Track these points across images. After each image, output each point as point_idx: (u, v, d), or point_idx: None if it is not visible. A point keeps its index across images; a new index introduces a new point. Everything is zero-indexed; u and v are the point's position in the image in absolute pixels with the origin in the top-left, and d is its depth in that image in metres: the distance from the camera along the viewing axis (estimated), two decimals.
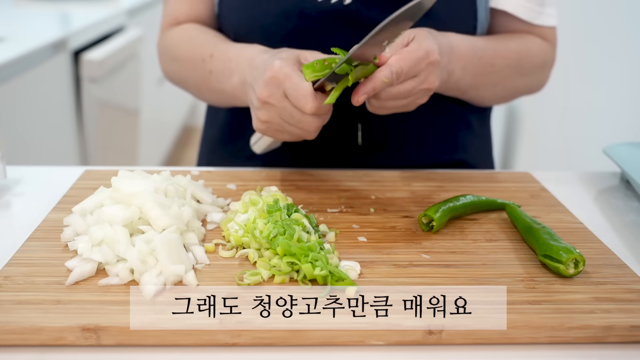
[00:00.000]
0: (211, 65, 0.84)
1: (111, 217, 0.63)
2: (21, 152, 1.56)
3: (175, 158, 3.48)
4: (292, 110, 0.69)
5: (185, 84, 0.94)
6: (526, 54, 0.89)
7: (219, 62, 0.83)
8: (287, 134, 0.73)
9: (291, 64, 0.69)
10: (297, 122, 0.69)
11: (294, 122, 0.70)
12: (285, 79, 0.67)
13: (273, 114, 0.71)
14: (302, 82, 0.67)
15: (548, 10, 0.91)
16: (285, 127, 0.71)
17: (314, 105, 0.67)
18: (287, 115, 0.69)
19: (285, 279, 0.60)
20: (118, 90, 2.20)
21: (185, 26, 0.93)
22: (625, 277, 0.62)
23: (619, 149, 0.90)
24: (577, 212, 0.78)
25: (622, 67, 2.01)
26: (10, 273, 0.59)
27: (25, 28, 1.88)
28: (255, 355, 0.53)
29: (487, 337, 0.54)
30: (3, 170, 0.80)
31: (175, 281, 0.58)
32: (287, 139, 0.75)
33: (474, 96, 0.90)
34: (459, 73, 0.82)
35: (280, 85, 0.68)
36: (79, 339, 0.52)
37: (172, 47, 0.93)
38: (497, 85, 0.89)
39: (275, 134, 0.74)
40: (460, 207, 0.73)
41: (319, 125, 0.70)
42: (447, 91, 0.87)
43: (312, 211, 0.75)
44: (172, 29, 0.95)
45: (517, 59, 0.88)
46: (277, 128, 0.72)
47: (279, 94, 0.69)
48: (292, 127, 0.71)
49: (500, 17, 0.92)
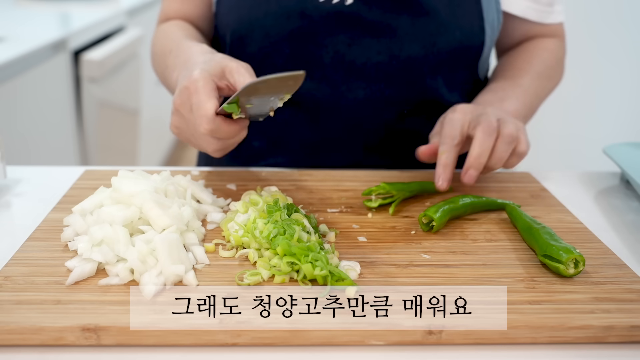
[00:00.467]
0: (169, 60, 0.84)
1: (111, 217, 0.63)
2: (21, 152, 1.56)
3: (175, 158, 3.48)
4: (194, 125, 0.68)
5: (159, 79, 0.95)
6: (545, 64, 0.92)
7: (173, 58, 0.83)
8: (193, 144, 0.73)
9: (208, 79, 0.67)
10: (198, 137, 0.69)
11: (196, 136, 0.70)
12: (194, 93, 0.67)
13: (182, 121, 0.71)
14: (206, 101, 0.66)
15: (556, 8, 0.92)
16: (191, 138, 0.71)
17: (209, 128, 0.66)
18: (191, 127, 0.69)
19: (285, 279, 0.60)
20: (118, 90, 2.21)
21: (171, 22, 0.94)
22: (625, 277, 0.62)
23: (619, 149, 0.90)
24: (577, 212, 0.78)
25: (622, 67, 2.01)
26: (10, 273, 0.59)
27: (25, 28, 1.88)
28: (255, 355, 0.53)
29: (487, 337, 0.54)
30: (3, 170, 0.80)
31: (175, 281, 0.58)
32: (196, 148, 0.74)
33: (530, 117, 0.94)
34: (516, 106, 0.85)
35: (190, 98, 0.67)
36: (79, 339, 0.52)
37: (155, 42, 0.95)
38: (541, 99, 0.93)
39: (186, 140, 0.74)
40: (460, 208, 0.74)
41: (217, 148, 0.70)
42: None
43: (312, 211, 0.75)
44: (160, 25, 0.96)
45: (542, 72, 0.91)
46: (186, 136, 0.72)
47: (188, 105, 0.68)
48: (195, 140, 0.71)
49: (510, 20, 0.92)
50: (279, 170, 0.88)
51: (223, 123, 0.67)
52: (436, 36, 0.85)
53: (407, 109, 0.90)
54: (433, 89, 0.89)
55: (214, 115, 0.66)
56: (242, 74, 0.68)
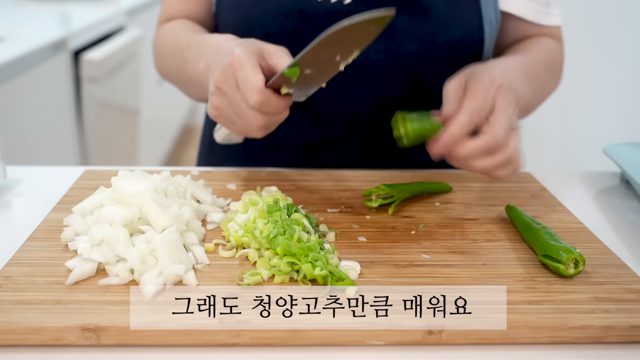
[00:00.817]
0: (186, 54, 0.84)
1: (111, 217, 0.63)
2: (21, 152, 1.56)
3: (175, 158, 3.48)
4: (240, 101, 0.67)
5: (169, 76, 0.94)
6: (550, 55, 0.90)
7: (193, 50, 0.83)
8: (235, 125, 0.71)
9: (251, 55, 0.66)
10: (243, 114, 0.67)
11: (240, 113, 0.68)
12: (240, 68, 0.66)
13: (224, 101, 0.69)
14: (254, 74, 0.65)
15: (553, 10, 0.92)
16: (234, 117, 0.69)
17: (258, 100, 0.64)
18: (235, 105, 0.68)
19: (285, 279, 0.60)
20: (118, 90, 2.21)
21: (176, 21, 0.94)
22: (625, 277, 0.62)
23: (619, 149, 0.90)
24: (577, 212, 0.78)
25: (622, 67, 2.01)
26: (10, 273, 0.59)
27: (25, 28, 1.88)
28: (255, 355, 0.53)
29: (487, 337, 0.54)
30: (3, 170, 0.80)
31: (175, 281, 0.58)
32: (236, 131, 0.72)
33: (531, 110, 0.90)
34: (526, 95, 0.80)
35: (234, 74, 0.66)
36: (79, 339, 0.52)
37: (160, 41, 0.94)
38: (542, 93, 0.90)
39: (226, 123, 0.72)
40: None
41: (263, 124, 0.67)
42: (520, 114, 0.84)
43: (312, 211, 0.75)
44: (163, 25, 0.95)
45: (547, 63, 0.89)
46: (227, 117, 0.70)
47: (232, 82, 0.67)
48: (239, 119, 0.69)
49: (507, 19, 0.92)
50: (279, 170, 0.88)
51: (272, 95, 0.65)
52: (435, 35, 0.85)
53: (407, 108, 0.90)
54: (432, 87, 0.89)
55: (264, 87, 0.64)
56: (281, 57, 0.67)
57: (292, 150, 0.92)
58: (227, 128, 0.72)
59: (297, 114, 0.90)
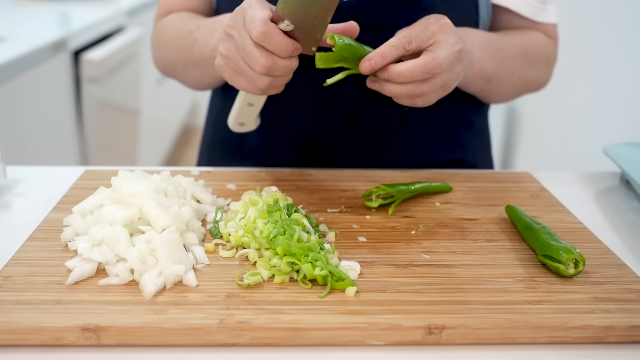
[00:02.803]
0: (197, 34, 0.84)
1: (111, 217, 0.63)
2: (21, 152, 1.56)
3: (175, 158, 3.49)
4: (246, 39, 0.66)
5: (172, 66, 0.94)
6: (530, 45, 0.90)
7: (204, 29, 0.83)
8: (240, 76, 0.70)
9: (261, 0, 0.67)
10: (247, 55, 0.66)
11: (245, 55, 0.67)
12: (248, 7, 0.66)
13: (232, 45, 0.69)
14: (260, 10, 0.65)
15: (549, 7, 0.92)
16: (240, 63, 0.68)
17: (261, 30, 0.63)
18: (241, 47, 0.67)
19: (285, 279, 0.60)
20: (118, 90, 2.21)
21: (178, 12, 0.94)
22: (625, 277, 0.62)
23: (619, 149, 0.90)
24: (577, 212, 0.78)
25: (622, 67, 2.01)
26: (10, 273, 0.59)
27: (25, 28, 1.88)
28: (255, 355, 0.53)
29: (487, 337, 0.54)
30: (3, 170, 0.80)
31: (175, 281, 0.58)
32: (242, 86, 0.71)
33: (496, 86, 0.89)
34: (479, 55, 0.81)
35: (243, 13, 0.67)
36: (79, 339, 0.52)
37: (162, 32, 0.94)
38: (514, 75, 0.89)
39: (232, 75, 0.71)
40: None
41: (266, 64, 0.66)
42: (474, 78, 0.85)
43: (312, 211, 0.75)
44: (163, 18, 0.95)
45: (524, 48, 0.89)
46: (233, 65, 0.70)
47: (240, 23, 0.67)
48: (244, 64, 0.68)
49: (502, 13, 0.92)
50: (279, 170, 0.88)
51: (276, 30, 0.64)
52: None
53: (408, 107, 0.90)
54: None
55: (268, 20, 0.64)
56: None
57: (292, 147, 0.92)
58: (232, 82, 0.71)
59: (296, 112, 0.90)
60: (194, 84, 0.96)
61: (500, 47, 0.85)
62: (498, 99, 0.95)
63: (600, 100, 2.12)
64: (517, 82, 0.91)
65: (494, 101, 0.96)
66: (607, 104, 2.09)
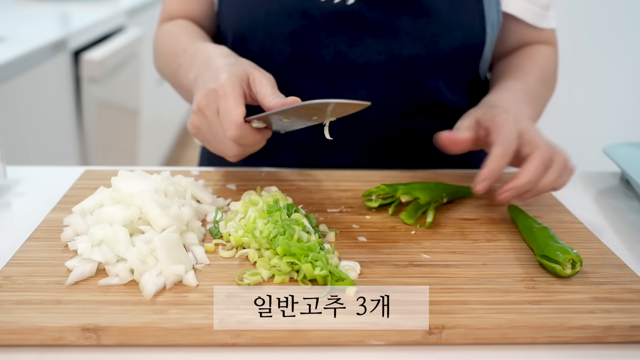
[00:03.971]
0: (181, 60, 0.84)
1: (111, 217, 0.63)
2: (21, 152, 1.56)
3: (175, 158, 3.48)
4: (218, 128, 0.69)
5: (166, 78, 0.95)
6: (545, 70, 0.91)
7: (187, 57, 0.83)
8: (211, 146, 0.73)
9: (236, 84, 0.68)
10: (220, 141, 0.70)
11: (217, 140, 0.70)
12: (222, 97, 0.67)
13: (204, 123, 0.71)
14: (235, 107, 0.66)
15: (551, 13, 0.92)
16: (210, 140, 0.72)
17: (236, 134, 0.67)
18: (214, 130, 0.70)
19: (285, 279, 0.60)
20: (118, 90, 2.21)
21: (176, 22, 0.94)
22: (625, 277, 0.62)
23: (619, 149, 0.90)
24: (577, 212, 0.78)
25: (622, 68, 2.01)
26: (10, 273, 0.59)
27: (25, 28, 1.88)
28: (255, 355, 0.53)
29: (487, 337, 0.54)
30: (3, 170, 0.80)
31: (175, 281, 0.58)
32: (211, 150, 0.74)
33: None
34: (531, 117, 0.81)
35: (217, 101, 0.68)
36: (79, 339, 0.52)
37: (160, 42, 0.94)
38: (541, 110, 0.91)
39: (203, 141, 0.74)
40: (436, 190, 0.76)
41: (237, 154, 0.70)
42: None
43: (312, 211, 0.75)
44: (164, 24, 0.95)
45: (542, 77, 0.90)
46: (205, 137, 0.72)
47: (214, 107, 0.69)
48: (215, 143, 0.71)
49: (507, 21, 0.92)
50: (279, 170, 0.88)
51: (250, 131, 0.68)
52: (438, 36, 0.84)
53: (409, 109, 0.90)
54: (434, 89, 0.89)
55: (243, 123, 0.67)
56: (263, 85, 0.69)
57: (293, 150, 0.92)
58: (203, 144, 0.75)
59: None
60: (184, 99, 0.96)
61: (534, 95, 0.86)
62: None
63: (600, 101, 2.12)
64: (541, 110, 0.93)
65: None
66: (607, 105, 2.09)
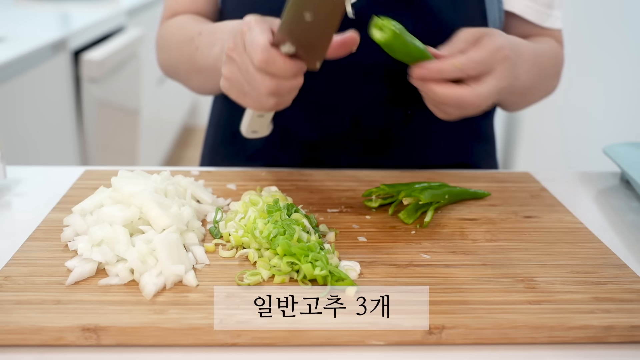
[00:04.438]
0: (198, 42, 0.84)
1: (111, 217, 0.63)
2: (21, 152, 1.56)
3: (175, 158, 3.48)
4: (248, 64, 0.65)
5: (176, 71, 0.94)
6: (555, 55, 0.90)
7: (205, 37, 0.82)
8: (247, 96, 0.69)
9: (260, 19, 0.66)
10: (251, 78, 0.66)
11: (249, 78, 0.66)
12: (248, 31, 0.65)
13: (235, 68, 0.68)
14: (260, 34, 0.63)
15: (555, 13, 0.92)
16: (244, 85, 0.68)
17: (262, 57, 0.62)
18: (244, 69, 0.66)
19: (285, 279, 0.60)
20: (118, 90, 2.21)
21: (183, 15, 0.94)
22: (625, 277, 0.62)
23: (619, 149, 0.90)
24: (577, 212, 0.78)
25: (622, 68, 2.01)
26: (10, 273, 0.59)
27: (25, 28, 1.88)
28: (255, 355, 0.53)
29: (487, 337, 0.54)
30: (3, 170, 0.80)
31: (175, 281, 0.58)
32: (249, 104, 0.70)
33: (522, 101, 0.89)
34: (523, 77, 0.80)
35: (243, 37, 0.66)
36: (79, 339, 0.52)
37: (166, 35, 0.94)
38: (540, 90, 0.89)
39: (237, 94, 0.70)
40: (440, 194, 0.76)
41: (271, 88, 0.65)
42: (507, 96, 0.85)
43: (312, 211, 0.75)
44: (169, 19, 0.95)
45: (554, 59, 0.89)
46: (238, 87, 0.69)
47: (241, 46, 0.66)
48: (249, 86, 0.67)
49: (510, 20, 0.92)
50: (279, 170, 0.88)
51: (278, 54, 0.63)
52: (438, 35, 0.84)
53: (411, 109, 0.90)
54: None
55: (269, 45, 0.63)
56: None
57: (293, 149, 0.92)
58: (239, 102, 0.71)
59: (298, 114, 0.90)
60: (197, 90, 0.96)
61: (544, 65, 0.85)
62: (515, 109, 0.95)
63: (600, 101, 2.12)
64: (540, 95, 0.91)
65: (511, 111, 0.95)
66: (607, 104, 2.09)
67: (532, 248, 0.68)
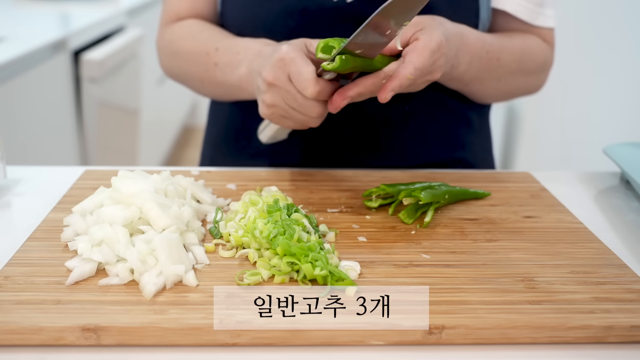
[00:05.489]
0: (216, 58, 0.85)
1: (111, 217, 0.63)
2: (21, 152, 1.56)
3: (175, 158, 3.48)
4: (296, 94, 0.69)
5: (187, 78, 0.94)
6: (529, 51, 0.89)
7: (224, 55, 0.84)
8: (291, 120, 0.73)
9: (298, 49, 0.69)
10: (300, 106, 0.70)
11: (297, 106, 0.70)
12: (291, 62, 0.68)
13: (278, 97, 0.71)
14: (306, 66, 0.67)
15: (547, 11, 0.91)
16: (289, 112, 0.72)
17: (315, 90, 0.67)
18: (290, 99, 0.70)
19: (285, 279, 0.60)
20: (118, 90, 2.20)
21: (188, 21, 0.93)
22: (625, 277, 0.62)
23: (619, 149, 0.90)
24: (577, 212, 0.78)
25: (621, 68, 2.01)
26: (10, 273, 0.59)
27: (25, 28, 1.88)
28: (255, 355, 0.53)
29: (487, 337, 0.54)
30: (3, 170, 0.80)
31: (175, 281, 0.58)
32: (291, 126, 0.75)
33: (476, 90, 0.90)
34: (464, 66, 0.82)
35: (286, 68, 0.68)
36: (79, 339, 0.52)
37: (174, 41, 0.93)
38: (501, 81, 0.89)
39: (280, 120, 0.74)
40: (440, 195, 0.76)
41: (321, 111, 0.71)
42: (450, 82, 0.87)
43: (312, 211, 0.75)
44: (173, 24, 0.95)
45: (521, 55, 0.88)
46: (282, 113, 0.73)
47: (284, 77, 0.69)
48: (295, 112, 0.71)
49: (500, 17, 0.92)
50: (279, 170, 0.88)
51: (326, 84, 0.68)
52: None
53: (409, 106, 0.90)
54: (434, 86, 0.89)
55: (317, 77, 0.67)
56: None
57: (293, 150, 0.93)
58: (279, 124, 0.75)
59: None
60: (207, 95, 0.96)
61: (496, 55, 0.85)
62: (482, 100, 0.95)
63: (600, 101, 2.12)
64: (503, 88, 0.91)
65: (478, 101, 0.96)
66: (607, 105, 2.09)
67: (532, 248, 0.68)
